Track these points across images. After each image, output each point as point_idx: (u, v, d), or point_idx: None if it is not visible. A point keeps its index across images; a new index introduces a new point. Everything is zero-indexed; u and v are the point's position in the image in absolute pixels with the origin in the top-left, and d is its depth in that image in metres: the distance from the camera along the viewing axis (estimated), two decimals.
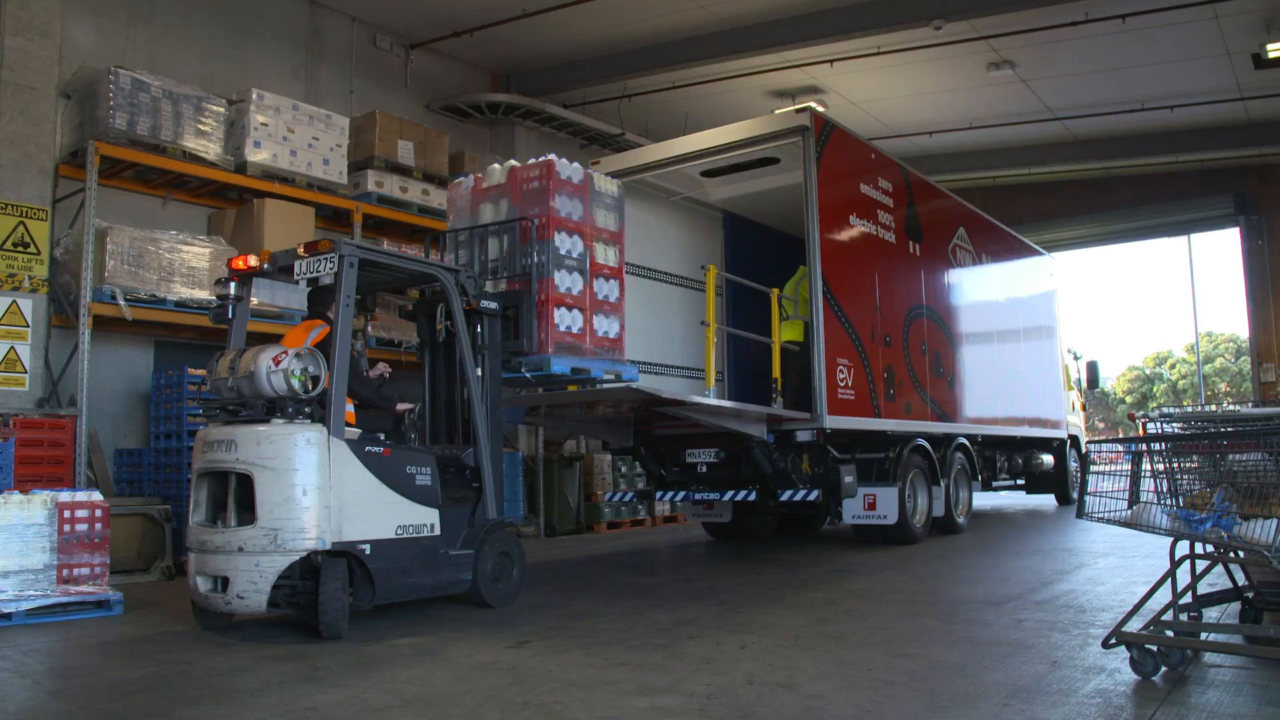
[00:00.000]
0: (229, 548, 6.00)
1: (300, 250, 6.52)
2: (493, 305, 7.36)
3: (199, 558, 6.17)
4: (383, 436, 6.84)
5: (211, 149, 10.40)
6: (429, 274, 7.31)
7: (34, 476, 8.54)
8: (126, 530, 8.87)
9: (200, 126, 10.31)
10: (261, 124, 10.71)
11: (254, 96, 10.68)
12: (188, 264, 9.88)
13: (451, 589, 6.87)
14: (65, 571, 6.97)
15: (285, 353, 6.20)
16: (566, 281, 7.85)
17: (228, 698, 4.63)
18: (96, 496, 7.37)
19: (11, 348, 9.32)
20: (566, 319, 7.83)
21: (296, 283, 6.77)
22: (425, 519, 6.64)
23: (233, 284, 6.90)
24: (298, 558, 5.94)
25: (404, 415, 7.29)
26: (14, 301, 9.36)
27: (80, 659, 5.68)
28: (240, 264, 6.88)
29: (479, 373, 7.23)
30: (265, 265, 6.78)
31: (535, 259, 7.76)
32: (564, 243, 7.86)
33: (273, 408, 6.16)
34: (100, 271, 9.40)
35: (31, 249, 9.55)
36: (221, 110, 10.55)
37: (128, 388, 10.66)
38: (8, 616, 6.67)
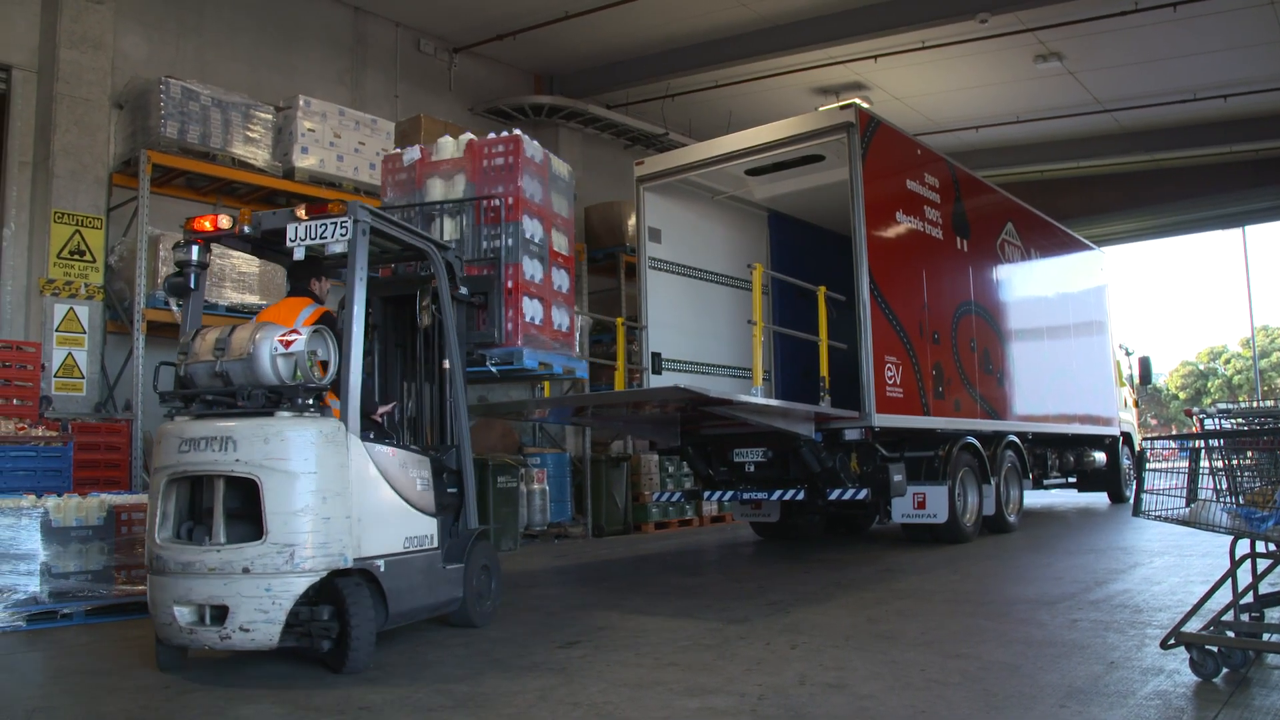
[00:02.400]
0: (228, 569, 4.90)
1: (300, 212, 5.51)
2: (464, 291, 6.63)
3: (172, 582, 5.00)
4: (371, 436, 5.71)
5: (260, 155, 10.52)
6: (419, 250, 6.32)
7: (91, 480, 8.69)
8: None
9: (249, 133, 10.43)
10: (308, 130, 10.81)
11: (301, 103, 10.79)
12: (238, 270, 10.00)
13: (446, 608, 6.10)
14: (123, 573, 7.09)
15: (295, 333, 5.31)
16: (530, 269, 7.11)
17: (281, 694, 4.68)
18: None
19: (69, 354, 9.51)
20: (530, 309, 7.08)
21: (289, 253, 5.65)
22: (427, 529, 5.82)
23: (195, 248, 5.78)
24: (317, 579, 4.97)
25: (383, 417, 6.20)
26: (71, 309, 9.55)
27: (139, 658, 5.76)
28: (206, 225, 5.75)
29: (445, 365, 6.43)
30: (245, 228, 5.70)
31: (505, 242, 7.00)
32: (529, 226, 7.12)
33: (275, 398, 5.20)
34: (153, 278, 9.54)
35: (87, 257, 9.74)
36: (269, 117, 10.67)
37: None
38: (69, 616, 6.79)
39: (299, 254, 5.56)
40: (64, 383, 9.45)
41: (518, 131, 7.31)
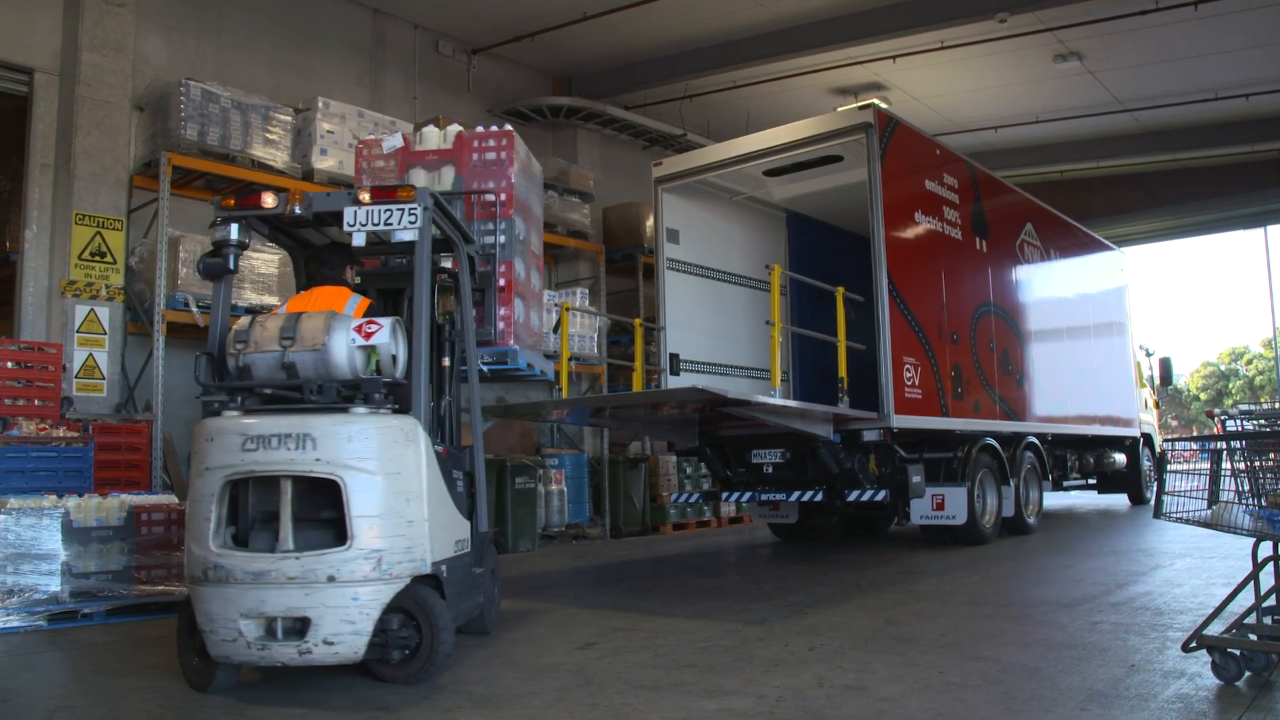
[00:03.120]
0: (311, 578, 4.53)
1: (364, 195, 5.18)
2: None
3: (238, 594, 4.56)
4: None
5: (279, 157, 10.55)
6: (448, 242, 5.99)
7: (112, 480, 8.73)
8: None
9: (268, 135, 10.47)
10: (328, 131, 10.84)
11: (320, 104, 10.82)
12: (257, 271, 10.03)
13: (473, 613, 5.90)
14: (143, 573, 7.12)
15: (374, 323, 5.03)
16: (519, 267, 6.95)
17: (298, 694, 4.69)
18: (172, 499, 7.54)
19: (90, 355, 9.56)
20: (518, 308, 6.93)
21: (347, 238, 5.36)
22: (465, 532, 5.64)
23: (234, 227, 5.35)
24: (402, 585, 4.71)
25: None
26: (92, 310, 9.60)
27: (159, 658, 5.79)
28: (250, 202, 5.34)
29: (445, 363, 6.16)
30: (296, 208, 5.31)
31: (498, 239, 6.79)
32: (519, 224, 6.96)
33: (348, 393, 4.94)
34: (173, 279, 9.58)
35: (108, 258, 9.80)
36: (288, 119, 10.71)
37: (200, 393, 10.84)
38: (89, 616, 6.83)
39: (358, 239, 5.29)
40: (85, 383, 9.51)
41: (508, 127, 7.17)
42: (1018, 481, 11.36)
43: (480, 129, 7.14)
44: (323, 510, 4.72)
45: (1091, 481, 15.22)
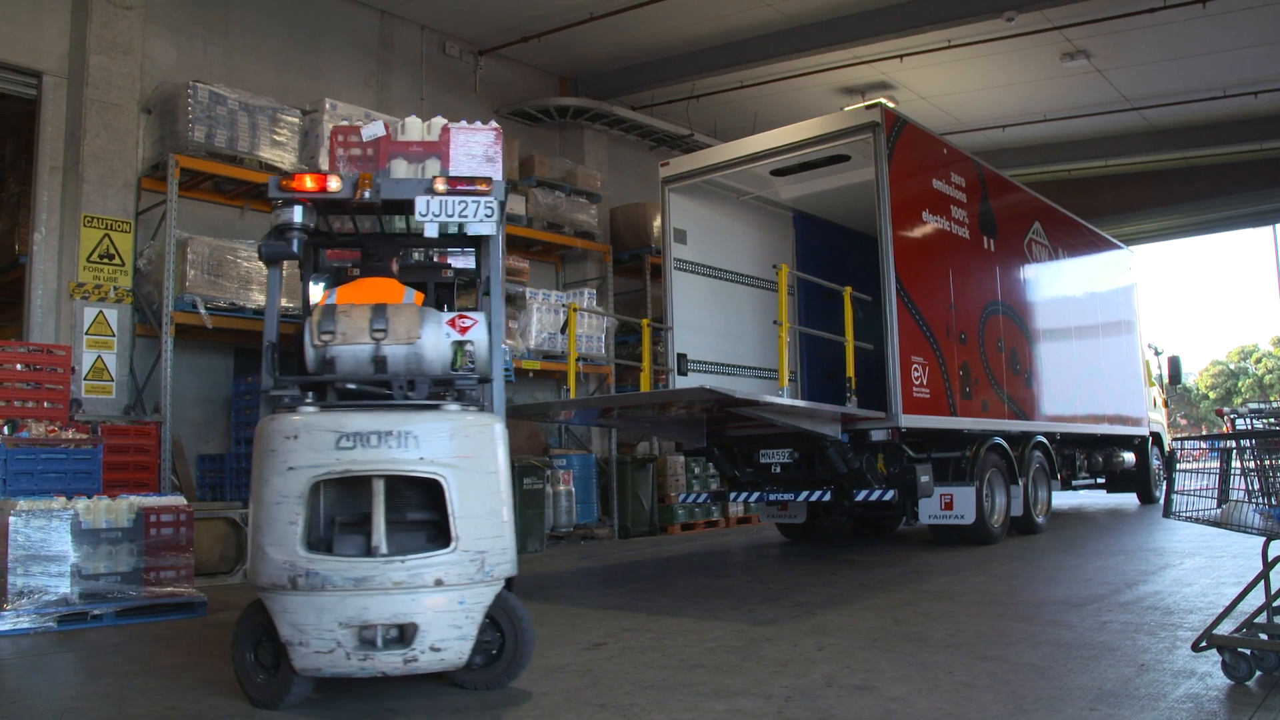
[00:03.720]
0: (417, 581, 4.31)
1: (439, 184, 4.91)
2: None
3: (336, 602, 4.28)
4: None
5: (287, 159, 10.57)
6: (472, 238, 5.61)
7: (121, 481, 8.76)
8: (210, 534, 9.05)
9: (275, 137, 10.49)
10: None
11: (327, 106, 10.84)
12: (265, 273, 10.03)
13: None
14: (152, 574, 7.14)
15: (465, 317, 4.90)
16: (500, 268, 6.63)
17: (305, 701, 4.69)
18: (180, 501, 7.55)
19: (99, 357, 9.59)
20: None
21: (419, 228, 5.17)
22: None
23: (299, 209, 4.91)
24: (500, 587, 4.57)
25: None
26: (101, 312, 9.64)
27: (169, 659, 5.80)
28: (309, 183, 4.91)
29: None
30: (366, 194, 4.95)
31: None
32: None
33: (439, 389, 4.78)
34: (181, 281, 9.61)
35: (116, 260, 9.83)
36: (296, 120, 10.73)
37: (209, 394, 10.90)
38: (99, 617, 6.85)
39: (431, 230, 5.00)
40: (93, 385, 9.54)
41: (493, 123, 7.14)
42: (1026, 481, 11.34)
43: (463, 123, 7.01)
44: (408, 511, 4.54)
45: (1100, 481, 15.17)
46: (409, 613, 4.30)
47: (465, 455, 4.47)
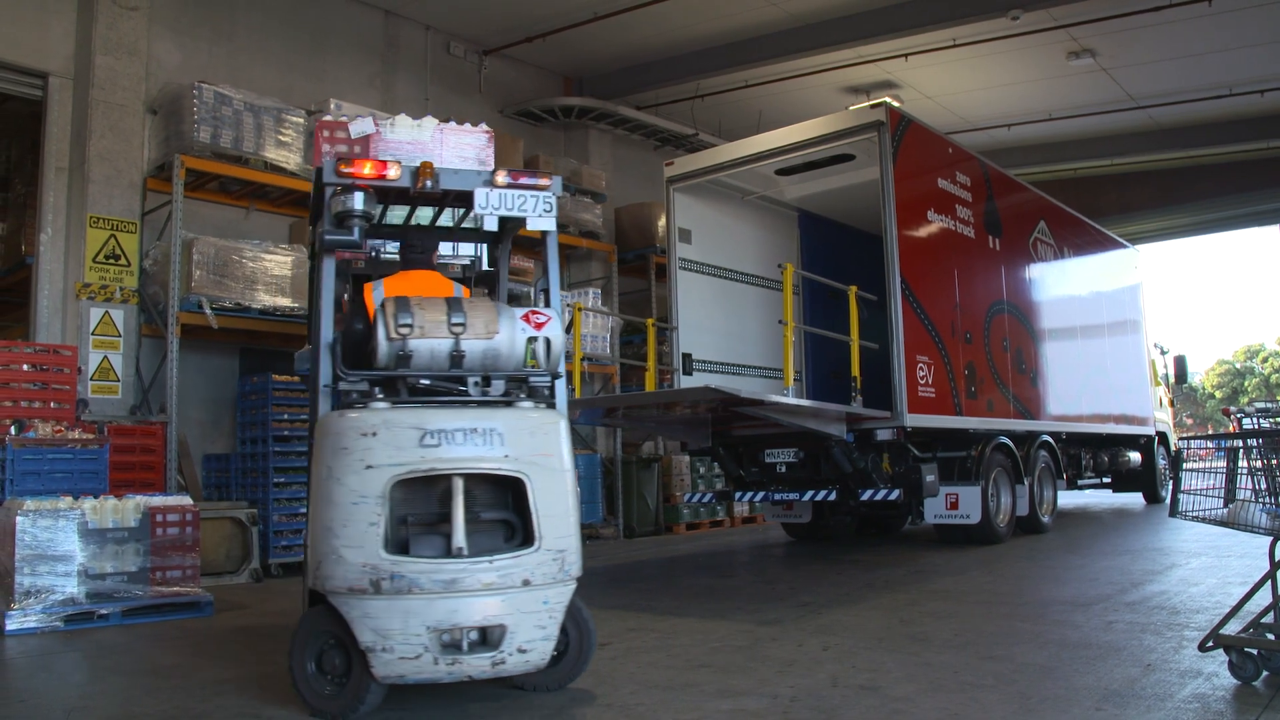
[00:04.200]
0: (506, 583, 4.20)
1: (500, 177, 4.80)
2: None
3: (424, 605, 4.12)
4: None
5: (292, 159, 10.59)
6: (491, 233, 5.74)
7: (127, 481, 8.78)
8: (216, 533, 9.07)
9: (280, 137, 10.51)
10: None
11: (332, 106, 10.80)
12: (270, 273, 10.07)
13: None
14: (158, 574, 7.16)
15: (538, 313, 4.76)
16: None
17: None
18: (186, 500, 7.56)
19: (105, 357, 9.62)
20: None
21: (478, 222, 5.15)
22: None
23: (359, 195, 4.64)
24: (575, 586, 4.51)
25: None
26: (106, 312, 9.66)
27: (174, 658, 5.81)
28: (367, 170, 4.69)
29: None
30: (427, 184, 4.80)
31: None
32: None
33: (513, 386, 4.69)
34: (187, 281, 9.63)
35: (122, 261, 9.85)
36: (301, 121, 10.74)
37: (214, 394, 10.91)
38: (105, 617, 6.86)
39: (490, 224, 5.02)
40: (100, 385, 9.56)
41: (484, 125, 7.08)
42: (1032, 480, 11.32)
43: (452, 123, 6.96)
44: (483, 510, 4.42)
45: (1106, 480, 15.14)
46: (499, 614, 4.19)
47: (545, 453, 4.40)
